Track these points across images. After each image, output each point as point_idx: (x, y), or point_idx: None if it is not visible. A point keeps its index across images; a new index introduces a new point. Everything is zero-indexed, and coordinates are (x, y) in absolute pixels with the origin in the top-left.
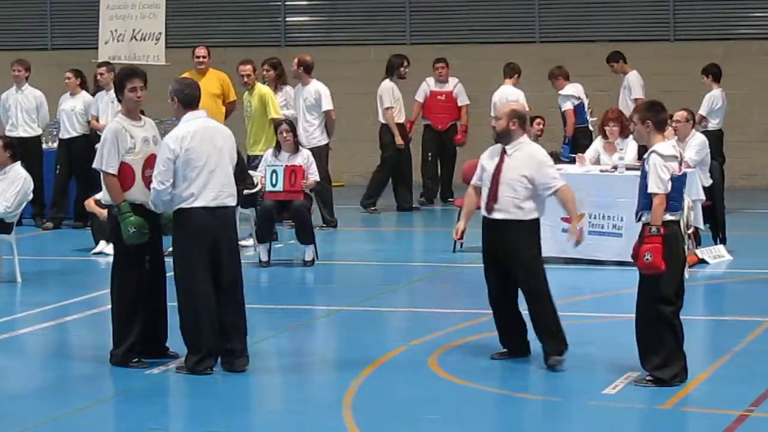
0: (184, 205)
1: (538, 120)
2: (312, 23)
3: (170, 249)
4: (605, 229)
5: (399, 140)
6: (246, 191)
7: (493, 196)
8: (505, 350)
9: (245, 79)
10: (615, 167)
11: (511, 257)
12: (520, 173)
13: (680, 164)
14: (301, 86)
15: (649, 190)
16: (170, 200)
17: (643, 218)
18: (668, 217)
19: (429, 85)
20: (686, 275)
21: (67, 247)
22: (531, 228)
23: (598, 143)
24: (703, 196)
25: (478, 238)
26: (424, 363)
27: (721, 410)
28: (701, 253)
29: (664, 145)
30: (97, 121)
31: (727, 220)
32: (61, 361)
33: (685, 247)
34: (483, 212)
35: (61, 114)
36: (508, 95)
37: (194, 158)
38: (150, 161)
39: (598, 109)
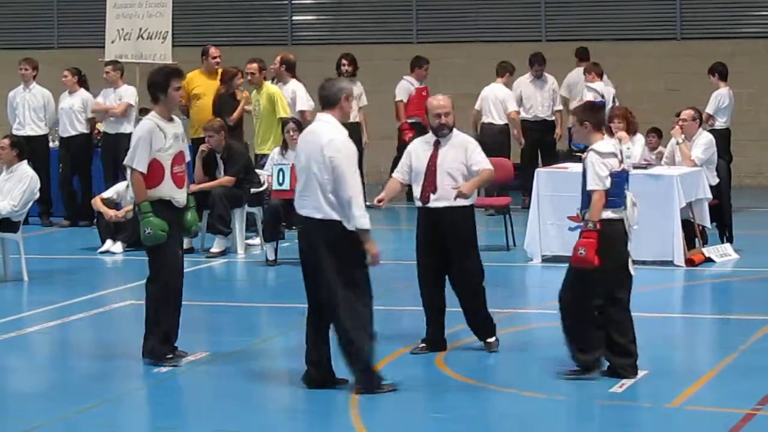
0: None
1: None
2: (319, 22)
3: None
4: None
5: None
6: (253, 190)
7: (431, 186)
8: (424, 344)
9: (249, 77)
10: None
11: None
12: (458, 161)
13: (620, 161)
14: (282, 85)
15: (588, 187)
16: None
17: (586, 215)
18: (610, 214)
19: (412, 83)
20: (632, 272)
21: (73, 245)
22: (466, 213)
23: None
24: (709, 195)
25: (479, 238)
26: (431, 362)
27: (728, 409)
28: (708, 251)
29: (603, 143)
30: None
31: (733, 218)
32: (68, 360)
33: (630, 244)
34: (418, 202)
35: (61, 113)
36: (497, 93)
37: None
38: (179, 158)
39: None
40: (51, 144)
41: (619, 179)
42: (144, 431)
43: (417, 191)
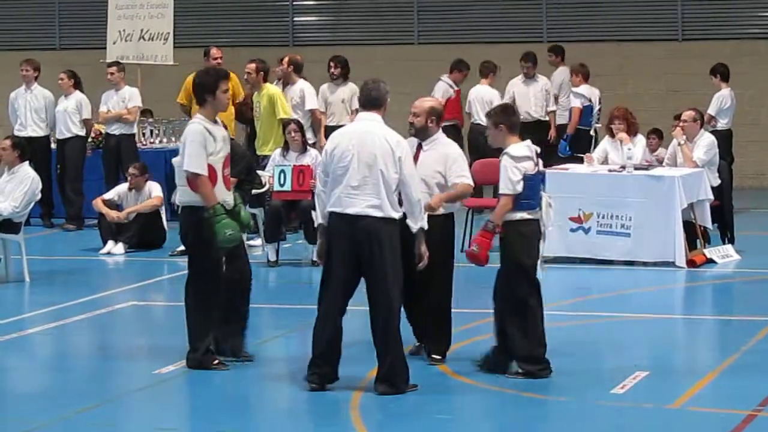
0: None
1: None
2: (320, 23)
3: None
4: (613, 229)
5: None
6: (254, 191)
7: None
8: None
9: (245, 77)
10: (623, 167)
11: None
12: (434, 169)
13: (536, 164)
14: (290, 86)
15: (499, 192)
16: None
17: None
18: (525, 216)
19: (452, 85)
20: (540, 271)
21: (75, 247)
22: (443, 222)
23: (605, 143)
24: (711, 196)
25: None
26: None
27: (730, 410)
28: (709, 252)
29: (518, 146)
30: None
31: (735, 219)
32: (68, 361)
33: (543, 243)
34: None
35: (57, 115)
36: (483, 95)
37: None
38: (227, 161)
39: (605, 109)
40: (53, 145)
41: (534, 182)
42: None
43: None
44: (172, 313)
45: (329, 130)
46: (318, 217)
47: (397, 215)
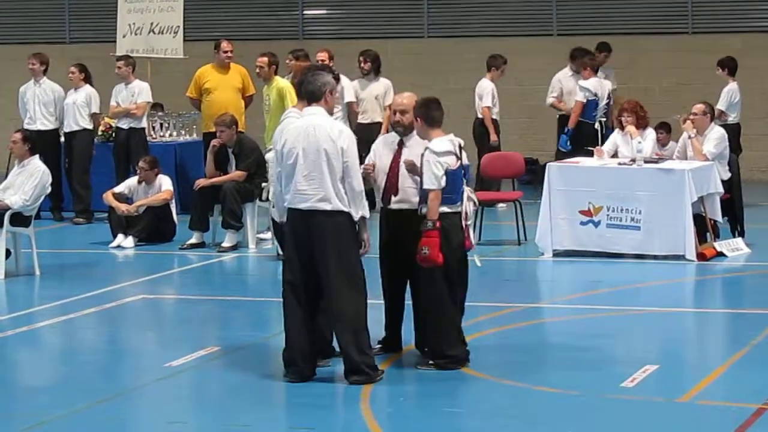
0: None
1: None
2: (330, 17)
3: None
4: (623, 222)
5: None
6: (264, 184)
7: (393, 188)
8: (381, 345)
9: (257, 71)
10: (633, 160)
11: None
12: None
13: (458, 158)
14: None
15: (424, 186)
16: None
17: (423, 210)
18: (445, 209)
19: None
20: (478, 263)
21: (85, 240)
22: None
23: (616, 136)
24: (721, 189)
25: (490, 232)
26: None
27: (739, 404)
28: (719, 246)
29: (439, 141)
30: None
31: (745, 213)
32: (79, 355)
33: (468, 236)
34: (381, 203)
35: (66, 108)
36: (477, 88)
37: None
38: None
39: (615, 103)
40: (62, 139)
41: (455, 177)
42: (155, 426)
43: (379, 191)
44: (182, 306)
45: (362, 126)
46: (276, 215)
47: (343, 206)
